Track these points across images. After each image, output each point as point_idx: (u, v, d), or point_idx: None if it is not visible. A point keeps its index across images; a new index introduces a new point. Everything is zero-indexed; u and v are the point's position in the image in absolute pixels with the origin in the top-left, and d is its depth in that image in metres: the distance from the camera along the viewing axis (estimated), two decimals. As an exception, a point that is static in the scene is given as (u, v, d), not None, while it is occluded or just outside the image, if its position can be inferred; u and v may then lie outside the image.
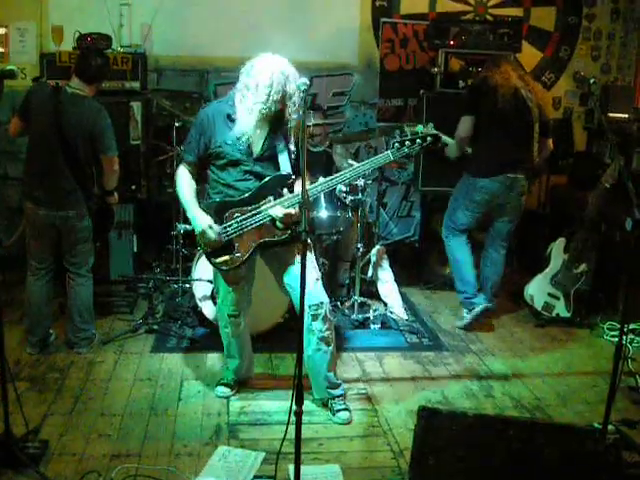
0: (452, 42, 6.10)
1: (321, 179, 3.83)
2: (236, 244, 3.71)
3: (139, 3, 6.08)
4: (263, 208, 3.66)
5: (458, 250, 5.25)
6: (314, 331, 3.80)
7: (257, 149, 3.72)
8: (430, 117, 6.06)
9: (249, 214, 3.67)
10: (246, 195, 3.68)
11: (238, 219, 3.68)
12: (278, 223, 3.66)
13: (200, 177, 3.89)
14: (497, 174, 4.97)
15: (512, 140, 4.95)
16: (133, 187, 5.82)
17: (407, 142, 3.65)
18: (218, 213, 3.71)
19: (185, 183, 3.80)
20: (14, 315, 4.89)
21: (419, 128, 3.65)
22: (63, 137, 4.32)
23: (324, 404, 4.01)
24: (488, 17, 6.80)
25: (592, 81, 3.70)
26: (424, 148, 3.70)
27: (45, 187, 4.36)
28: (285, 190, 3.71)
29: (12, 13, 6.26)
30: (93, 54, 4.56)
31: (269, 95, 3.56)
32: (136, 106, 5.76)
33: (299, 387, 2.77)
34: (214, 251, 3.74)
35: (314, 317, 3.77)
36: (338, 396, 3.98)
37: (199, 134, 3.74)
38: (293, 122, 3.72)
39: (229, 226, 3.69)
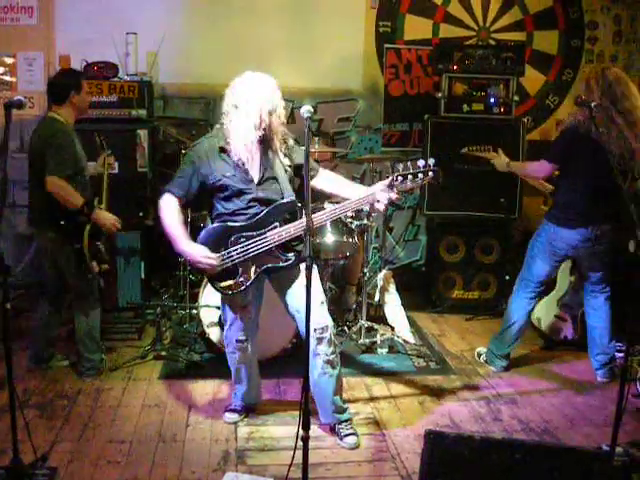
0: (455, 67, 6.15)
1: (327, 205, 3.86)
2: (240, 269, 3.72)
3: (145, 32, 6.14)
4: (269, 234, 3.68)
5: (517, 311, 4.90)
6: (320, 354, 3.81)
7: (256, 174, 3.74)
8: (435, 141, 6.14)
9: (254, 239, 3.69)
10: (252, 220, 3.71)
11: (243, 244, 3.70)
12: (380, 206, 3.71)
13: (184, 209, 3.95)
14: (582, 226, 4.57)
15: (603, 189, 4.49)
16: (140, 214, 5.86)
17: (410, 176, 3.67)
18: (223, 238, 3.71)
19: (173, 214, 3.75)
20: (22, 343, 4.90)
21: (420, 162, 3.67)
22: (30, 159, 4.44)
23: (331, 429, 4.00)
24: (491, 41, 6.86)
25: (593, 105, 3.73)
26: (424, 181, 3.71)
27: (29, 206, 4.59)
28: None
29: (20, 43, 6.35)
30: (58, 74, 4.59)
31: (258, 110, 3.59)
32: (143, 134, 5.82)
33: (306, 412, 2.78)
34: (218, 275, 3.75)
35: (319, 340, 3.78)
36: (345, 421, 3.97)
37: (193, 172, 3.73)
38: (278, 135, 3.75)
39: (234, 251, 3.71)
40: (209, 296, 4.88)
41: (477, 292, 6.41)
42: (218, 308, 4.74)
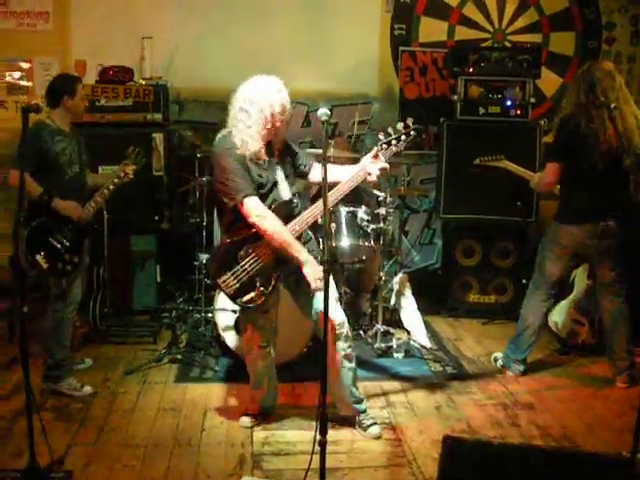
0: (471, 69, 6.12)
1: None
2: (257, 280, 3.71)
3: (160, 36, 6.17)
4: None
5: (532, 313, 4.88)
6: (338, 350, 3.85)
7: (271, 176, 3.75)
8: (451, 144, 6.11)
9: (263, 246, 3.68)
10: (253, 230, 3.68)
11: (252, 254, 3.69)
12: (373, 177, 3.77)
13: None
14: (586, 222, 4.60)
15: (605, 184, 4.52)
16: (156, 217, 5.88)
17: (393, 141, 3.81)
18: (232, 254, 3.69)
19: (276, 217, 3.67)
20: (37, 346, 4.90)
21: (399, 126, 3.82)
22: None
23: (351, 422, 4.03)
24: (507, 44, 6.83)
25: (613, 106, 3.70)
26: (408, 142, 3.87)
27: None
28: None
29: (36, 48, 6.38)
30: (55, 79, 4.57)
31: (265, 111, 3.60)
32: (158, 137, 5.85)
33: (323, 416, 2.77)
34: (237, 292, 3.72)
35: (337, 336, 3.82)
36: (363, 411, 4.04)
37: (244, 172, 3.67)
38: (281, 136, 3.78)
39: (246, 263, 3.69)
40: (225, 300, 4.85)
41: (493, 296, 6.37)
42: (234, 312, 4.74)
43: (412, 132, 3.81)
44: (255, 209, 3.60)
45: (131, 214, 5.76)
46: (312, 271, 3.61)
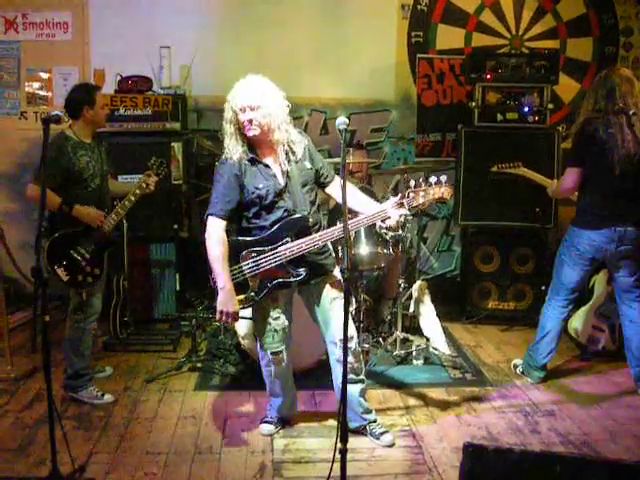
0: (489, 76, 6.12)
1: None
2: (251, 283, 3.73)
3: (178, 45, 6.22)
4: (280, 249, 3.67)
5: (551, 319, 4.85)
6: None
7: (282, 181, 3.74)
8: (469, 151, 6.11)
9: (266, 254, 3.69)
10: (263, 235, 3.71)
11: (254, 259, 3.70)
12: (392, 222, 3.72)
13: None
14: (604, 227, 4.55)
15: (622, 189, 4.49)
16: (175, 226, 5.91)
17: (421, 193, 3.68)
18: (234, 253, 3.70)
19: (220, 241, 3.64)
20: (59, 354, 4.94)
21: (432, 179, 3.67)
22: None
23: (363, 433, 4.04)
24: (524, 50, 6.82)
25: (632, 112, 3.69)
26: (436, 200, 3.71)
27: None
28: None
29: (55, 58, 6.50)
30: (72, 90, 4.54)
31: (232, 110, 3.63)
32: (177, 146, 5.88)
33: (344, 424, 2.77)
34: None
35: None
36: (373, 421, 4.06)
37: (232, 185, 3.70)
38: (278, 135, 3.70)
39: (245, 265, 3.70)
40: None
41: (512, 302, 6.35)
42: (253, 319, 4.74)
43: (442, 190, 3.67)
44: (209, 227, 3.65)
45: (150, 223, 5.81)
46: (220, 301, 3.63)
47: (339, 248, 4.83)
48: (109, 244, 4.53)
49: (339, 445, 2.78)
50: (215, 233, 3.64)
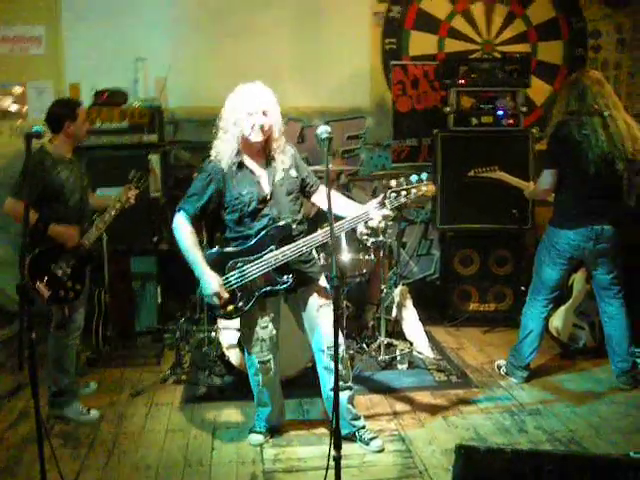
0: (462, 81, 6.18)
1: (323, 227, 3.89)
2: (239, 294, 3.74)
3: (153, 57, 6.22)
4: (266, 257, 3.69)
5: (532, 319, 4.91)
6: (332, 370, 3.83)
7: (267, 189, 3.77)
8: (445, 155, 6.16)
9: (251, 264, 3.70)
10: (248, 245, 3.72)
11: (240, 269, 3.71)
12: (374, 222, 3.78)
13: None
14: (581, 226, 4.63)
15: (598, 189, 4.57)
16: (155, 239, 5.89)
17: (403, 192, 3.69)
18: (220, 264, 3.72)
19: (190, 232, 3.73)
20: (42, 371, 4.89)
21: (413, 178, 3.69)
22: None
23: (352, 439, 4.04)
24: (496, 54, 6.90)
25: (607, 114, 3.75)
26: (419, 198, 3.74)
27: None
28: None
29: (28, 72, 6.44)
30: (53, 104, 4.50)
31: (226, 118, 3.68)
32: (154, 159, 5.86)
33: (337, 432, 2.78)
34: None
35: (333, 357, 3.80)
36: (362, 427, 4.07)
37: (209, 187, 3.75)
38: (276, 143, 3.78)
39: (232, 276, 3.72)
40: (228, 318, 4.88)
41: (493, 304, 6.41)
42: (238, 330, 4.74)
43: (424, 188, 3.69)
44: (176, 220, 3.74)
45: (130, 236, 5.77)
46: (204, 286, 3.67)
47: (321, 255, 4.86)
48: (90, 259, 4.50)
49: (333, 452, 2.79)
50: (184, 225, 3.72)
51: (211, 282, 3.66)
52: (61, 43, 6.42)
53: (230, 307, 3.73)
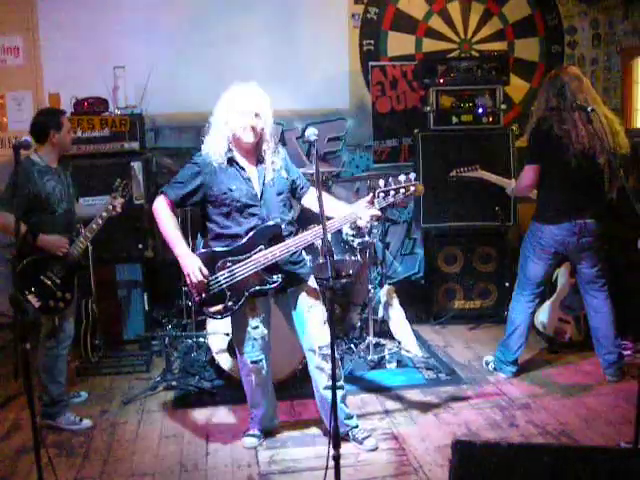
0: (441, 80, 6.23)
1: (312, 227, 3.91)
2: (228, 293, 3.75)
3: (133, 65, 6.19)
4: (255, 257, 3.70)
5: (519, 314, 4.95)
6: (324, 369, 3.89)
7: (258, 188, 3.79)
8: (426, 154, 6.20)
9: (241, 263, 3.71)
10: (238, 244, 3.73)
11: (230, 268, 3.72)
12: (362, 222, 3.75)
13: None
14: (564, 221, 4.68)
15: (580, 183, 4.62)
16: (140, 246, 5.88)
17: (391, 191, 3.71)
18: (210, 264, 3.72)
19: (170, 215, 3.78)
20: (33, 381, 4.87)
21: (401, 177, 3.71)
22: None
23: (346, 438, 4.03)
24: (474, 53, 6.96)
25: (590, 109, 3.80)
26: (407, 197, 3.76)
27: None
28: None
29: (7, 83, 6.42)
30: (38, 114, 4.52)
31: (224, 117, 3.70)
32: (137, 166, 5.84)
33: (335, 431, 2.80)
34: (207, 301, 3.76)
35: (324, 357, 3.87)
36: (355, 426, 4.08)
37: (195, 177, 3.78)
38: (267, 145, 3.82)
39: (221, 276, 3.73)
40: (216, 323, 4.88)
41: (478, 301, 6.45)
42: (227, 334, 4.75)
43: (412, 187, 3.70)
44: (156, 202, 3.79)
45: (115, 244, 5.76)
46: (185, 264, 3.69)
47: (309, 257, 4.87)
48: (79, 268, 4.49)
49: (332, 451, 2.80)
50: (165, 209, 3.77)
51: (192, 257, 3.70)
52: (39, 53, 6.39)
53: (220, 306, 3.74)
